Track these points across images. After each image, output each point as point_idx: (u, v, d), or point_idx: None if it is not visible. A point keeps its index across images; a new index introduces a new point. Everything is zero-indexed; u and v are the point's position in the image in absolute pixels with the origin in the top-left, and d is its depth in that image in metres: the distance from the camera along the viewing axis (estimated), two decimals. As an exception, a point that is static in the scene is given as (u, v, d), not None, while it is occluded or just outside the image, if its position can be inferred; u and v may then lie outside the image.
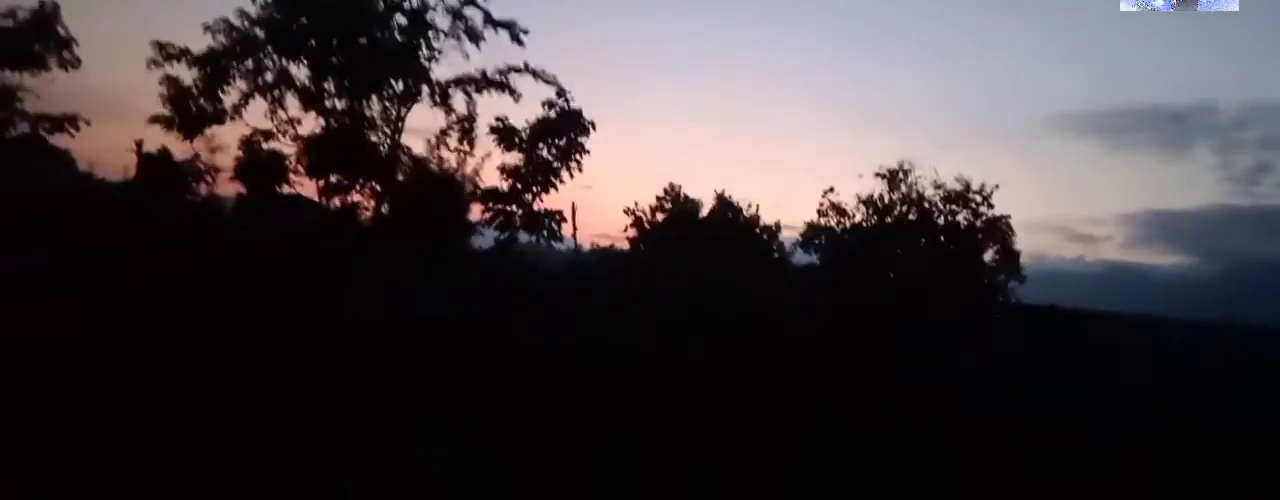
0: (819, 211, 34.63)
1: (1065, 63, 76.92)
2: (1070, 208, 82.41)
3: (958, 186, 34.09)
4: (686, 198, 34.63)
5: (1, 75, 30.04)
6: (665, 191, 34.69)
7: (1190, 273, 48.92)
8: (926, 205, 34.48)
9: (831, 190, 34.74)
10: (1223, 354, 30.15)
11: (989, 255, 34.62)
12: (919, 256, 34.69)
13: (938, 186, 34.40)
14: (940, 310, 33.01)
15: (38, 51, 29.88)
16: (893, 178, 34.46)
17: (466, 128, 32.43)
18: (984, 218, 34.31)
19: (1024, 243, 35.14)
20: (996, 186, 34.18)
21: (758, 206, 34.49)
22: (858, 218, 34.73)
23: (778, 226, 34.70)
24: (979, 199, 34.15)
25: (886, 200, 34.57)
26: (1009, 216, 34.33)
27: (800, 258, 35.12)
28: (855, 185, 35.23)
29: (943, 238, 34.70)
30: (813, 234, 34.78)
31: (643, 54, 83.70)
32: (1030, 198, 67.98)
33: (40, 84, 30.44)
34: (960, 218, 34.43)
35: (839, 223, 34.80)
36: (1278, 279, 39.57)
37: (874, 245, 34.41)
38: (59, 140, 30.69)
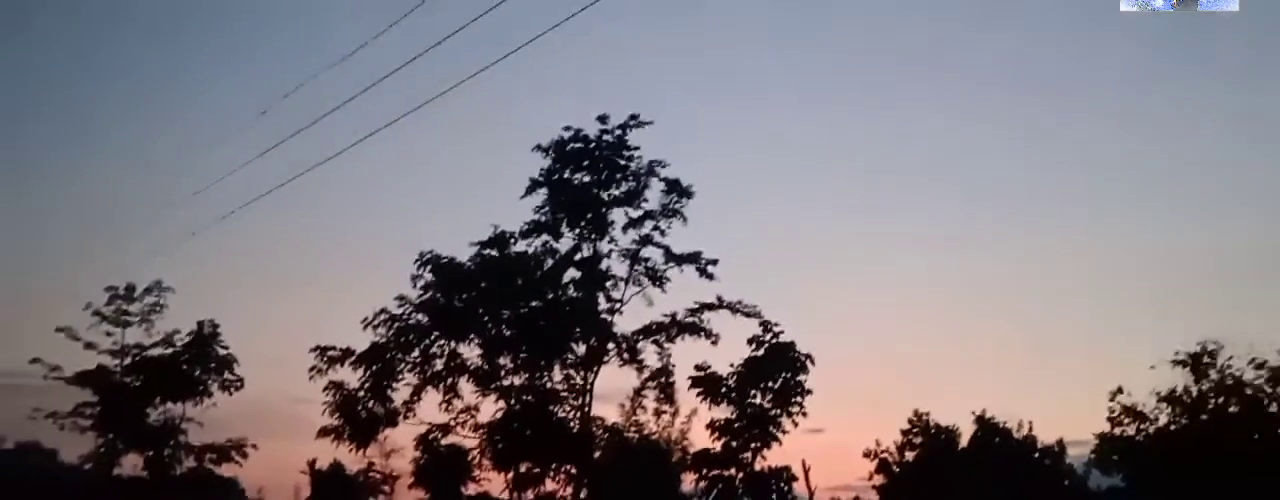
0: (1110, 420, 30.82)
1: None
2: None
3: (1283, 363, 29.86)
4: (938, 426, 31.58)
5: (164, 408, 31.06)
6: (911, 422, 31.78)
7: None
8: (1250, 391, 30.33)
9: (1120, 391, 30.99)
10: None
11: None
12: (1255, 454, 30.26)
13: (1257, 366, 30.26)
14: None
15: (199, 377, 30.75)
16: (1197, 363, 30.56)
17: (664, 384, 30.95)
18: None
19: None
20: (1339, 354, 29.77)
21: (1030, 424, 31.03)
22: (1162, 420, 30.80)
23: (1061, 445, 31.02)
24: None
25: (1194, 393, 30.60)
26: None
27: (1097, 479, 31.23)
28: (1147, 380, 31.02)
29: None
30: (1109, 449, 30.88)
31: (847, 268, 79.76)
32: None
33: (201, 411, 31.23)
34: (1296, 401, 29.98)
35: (1139, 430, 30.87)
36: None
37: (1192, 451, 30.26)
38: (227, 469, 31.08)
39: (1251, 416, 30.33)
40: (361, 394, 30.21)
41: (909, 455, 31.38)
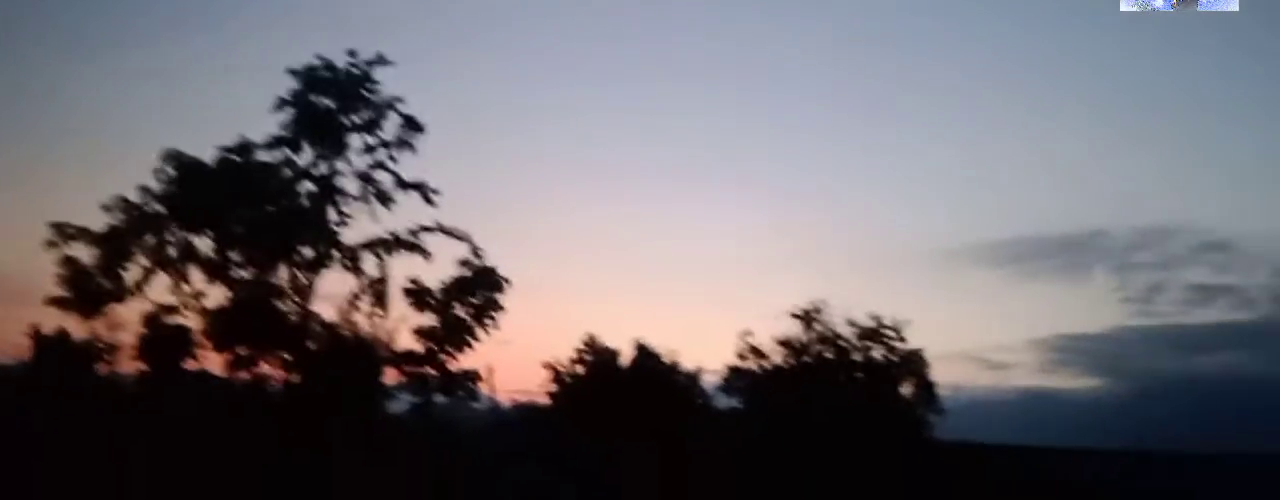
0: (738, 355, 39.78)
1: (968, 196, 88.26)
2: (982, 336, 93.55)
3: (871, 323, 39.79)
4: (605, 348, 39.35)
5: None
6: (584, 342, 39.35)
7: (1100, 394, 56.06)
8: (842, 343, 40.03)
9: (749, 333, 40.01)
10: (1131, 487, 36.03)
11: (906, 389, 40.33)
12: (839, 395, 40.07)
13: (851, 324, 39.99)
14: (863, 448, 38.27)
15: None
16: (807, 318, 39.91)
17: (379, 291, 36.48)
18: (899, 352, 40.02)
19: (940, 374, 40.93)
20: (908, 321, 39.95)
21: (677, 352, 39.45)
22: (777, 359, 40.04)
23: (699, 372, 39.69)
24: (892, 334, 39.85)
25: (803, 341, 39.98)
26: (923, 349, 40.18)
27: (723, 402, 40.19)
28: (771, 326, 40.50)
29: (860, 375, 40.25)
30: (734, 378, 39.85)
31: (555, 205, 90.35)
32: (943, 329, 76.96)
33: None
34: (876, 354, 40.08)
35: (759, 365, 40.00)
36: (1179, 395, 46.79)
37: (794, 386, 39.63)
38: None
39: (841, 363, 40.26)
40: (93, 270, 33.78)
41: (580, 369, 38.92)
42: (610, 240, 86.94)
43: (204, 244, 34.94)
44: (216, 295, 34.93)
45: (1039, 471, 35.87)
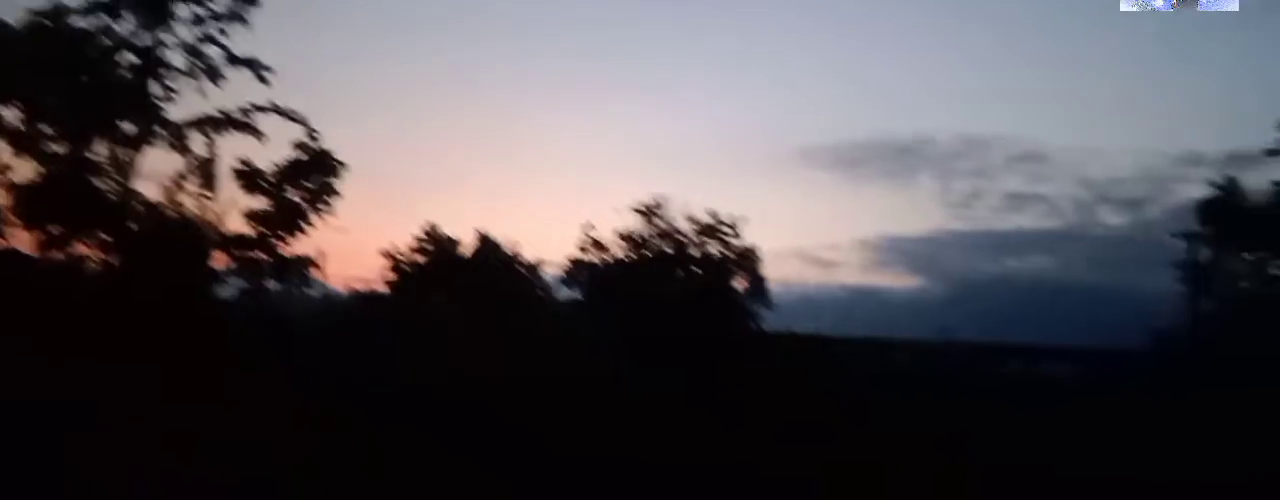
0: (580, 248, 40.72)
1: (804, 100, 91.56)
2: (813, 236, 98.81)
3: (709, 220, 41.39)
4: (445, 237, 39.51)
5: None
6: (424, 232, 39.37)
7: (920, 292, 60.39)
8: (680, 238, 41.55)
9: (591, 226, 40.95)
10: (948, 372, 39.17)
11: (740, 284, 42.29)
12: (676, 287, 41.68)
13: (690, 220, 41.52)
14: (698, 338, 40.07)
15: None
16: (648, 213, 41.16)
17: (207, 171, 35.37)
18: (734, 249, 41.86)
19: (772, 270, 43.08)
20: (744, 219, 41.75)
21: (519, 244, 40.03)
22: (618, 253, 41.21)
23: (539, 263, 40.44)
24: (728, 231, 41.60)
25: (643, 235, 41.26)
26: (757, 246, 42.15)
27: (565, 294, 41.18)
28: (614, 221, 41.62)
29: (697, 269, 41.93)
30: (576, 270, 40.83)
31: (399, 92, 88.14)
32: (776, 228, 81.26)
33: None
34: (712, 250, 41.80)
35: (600, 258, 41.09)
36: (991, 293, 51.12)
37: (634, 279, 40.95)
38: None
39: (679, 257, 41.78)
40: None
41: (420, 258, 39.02)
42: (454, 131, 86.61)
43: (12, 115, 32.94)
44: (26, 170, 33.15)
45: (857, 358, 38.51)
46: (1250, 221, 34.93)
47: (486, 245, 39.42)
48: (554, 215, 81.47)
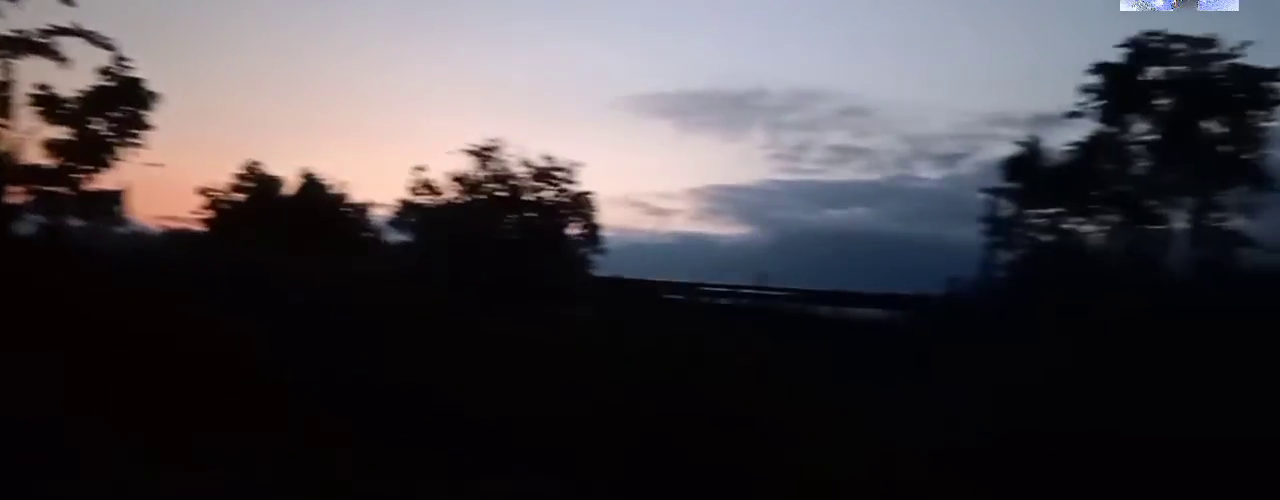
0: (411, 190, 40.20)
1: (639, 49, 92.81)
2: (647, 183, 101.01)
3: (543, 164, 41.49)
4: (267, 176, 38.34)
5: None
6: (245, 169, 38.09)
7: (749, 241, 62.70)
8: (515, 182, 41.53)
9: (423, 168, 40.45)
10: (770, 313, 40.72)
11: (574, 229, 42.72)
12: (510, 231, 41.77)
13: (525, 164, 41.52)
14: (531, 282, 40.40)
15: None
16: (482, 155, 40.93)
17: (3, 97, 33.18)
18: (568, 194, 42.17)
19: (606, 217, 43.71)
20: (580, 164, 42.01)
21: (346, 184, 39.22)
22: (450, 195, 40.90)
23: (368, 205, 39.78)
24: (563, 176, 41.83)
25: (477, 178, 41.04)
26: (592, 192, 42.57)
27: (395, 237, 40.68)
28: (447, 163, 41.19)
29: (531, 213, 42.08)
30: (406, 212, 40.34)
31: (222, 25, 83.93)
32: (610, 174, 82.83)
33: None
34: (547, 194, 42.00)
35: (431, 200, 40.70)
36: (814, 242, 53.65)
37: (466, 222, 40.79)
38: None
39: (512, 200, 41.83)
40: None
41: (240, 196, 37.80)
42: (281, 68, 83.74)
43: None
44: None
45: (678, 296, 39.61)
46: (1049, 179, 37.39)
47: (311, 185, 38.46)
48: (385, 157, 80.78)
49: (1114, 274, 34.50)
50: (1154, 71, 35.31)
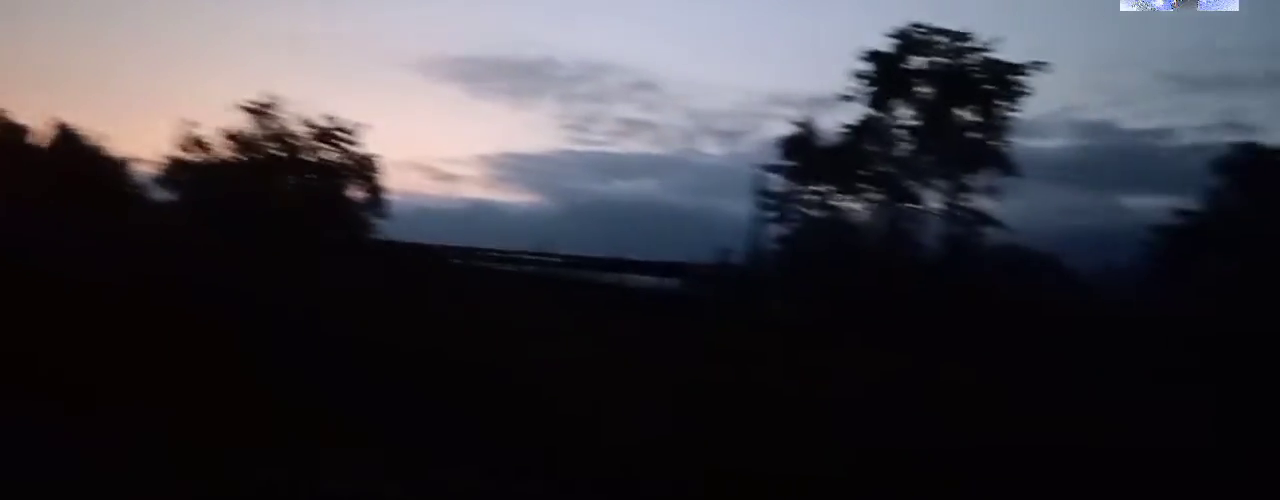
0: (180, 146, 38.02)
1: (429, 10, 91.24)
2: (436, 149, 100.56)
3: (325, 124, 40.11)
4: (13, 124, 35.39)
5: None
6: (-13, 117, 35.00)
7: (537, 209, 63.51)
8: (294, 142, 40.03)
9: (193, 123, 38.31)
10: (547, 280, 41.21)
11: (357, 193, 41.62)
12: (288, 193, 40.26)
13: (306, 124, 40.05)
14: (309, 245, 39.17)
15: None
16: (260, 113, 39.20)
17: None
18: (352, 157, 41.03)
19: (393, 182, 42.81)
20: (365, 126, 40.89)
21: (107, 137, 36.69)
22: (224, 154, 38.97)
23: (130, 159, 37.38)
24: (346, 137, 40.61)
25: (253, 136, 39.29)
26: (377, 156, 41.57)
27: (160, 194, 38.38)
28: (221, 120, 39.11)
29: (311, 175, 40.70)
30: (174, 169, 38.15)
31: None
32: (397, 138, 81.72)
33: None
34: (328, 156, 40.71)
35: (203, 159, 38.65)
36: (601, 212, 54.84)
37: (239, 182, 39.00)
38: None
39: (291, 161, 40.40)
40: None
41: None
42: (43, 14, 77.19)
43: None
44: None
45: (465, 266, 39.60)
46: (821, 158, 39.65)
47: (65, 136, 35.83)
48: (154, 111, 76.10)
49: (872, 248, 37.14)
50: (917, 61, 37.90)
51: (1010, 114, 37.35)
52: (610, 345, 19.39)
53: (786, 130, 39.80)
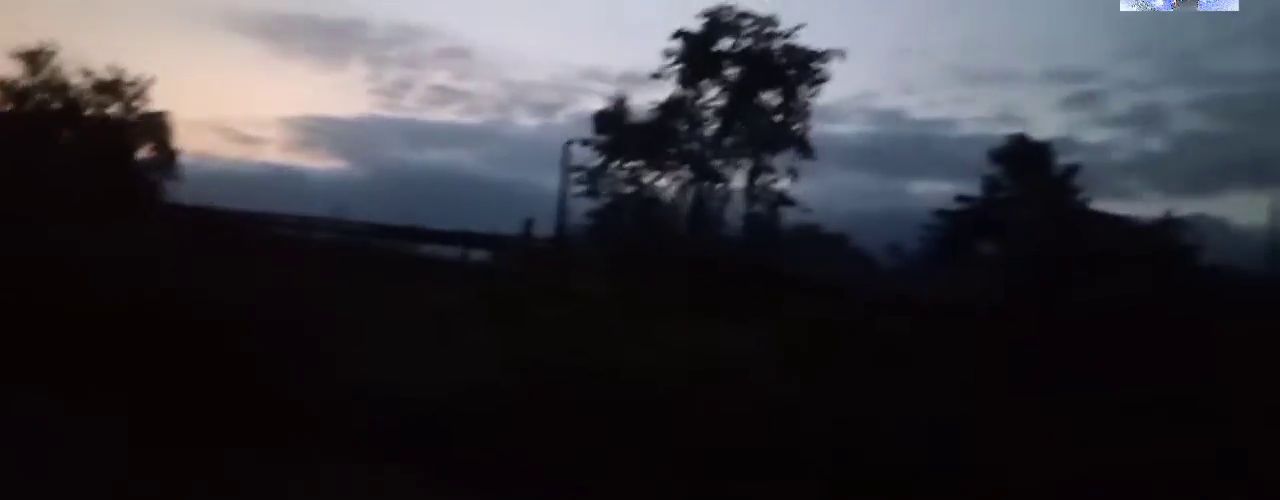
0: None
1: None
2: (234, 109, 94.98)
3: (109, 77, 37.64)
4: None
5: None
6: None
7: (344, 175, 61.88)
8: (73, 95, 37.40)
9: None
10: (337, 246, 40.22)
11: (145, 152, 39.33)
12: (64, 149, 37.59)
13: (87, 75, 37.46)
14: (87, 205, 36.76)
15: None
16: (33, 60, 36.37)
17: None
18: (139, 113, 38.70)
19: (186, 142, 40.67)
20: (152, 80, 38.59)
21: None
22: (-9, 103, 35.92)
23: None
24: (132, 91, 38.26)
25: (25, 85, 36.44)
26: (167, 113, 39.35)
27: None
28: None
29: (91, 130, 38.14)
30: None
31: None
32: (192, 96, 77.12)
33: None
34: (112, 111, 38.23)
35: (-35, 107, 35.50)
36: (410, 180, 53.91)
37: (9, 133, 36.13)
38: None
39: (69, 114, 37.73)
40: None
41: None
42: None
43: None
44: None
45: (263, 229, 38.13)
46: (632, 134, 40.27)
47: None
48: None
49: (676, 224, 38.16)
50: (725, 42, 38.96)
51: (810, 99, 38.91)
52: (402, 312, 19.30)
53: (600, 105, 40.12)
